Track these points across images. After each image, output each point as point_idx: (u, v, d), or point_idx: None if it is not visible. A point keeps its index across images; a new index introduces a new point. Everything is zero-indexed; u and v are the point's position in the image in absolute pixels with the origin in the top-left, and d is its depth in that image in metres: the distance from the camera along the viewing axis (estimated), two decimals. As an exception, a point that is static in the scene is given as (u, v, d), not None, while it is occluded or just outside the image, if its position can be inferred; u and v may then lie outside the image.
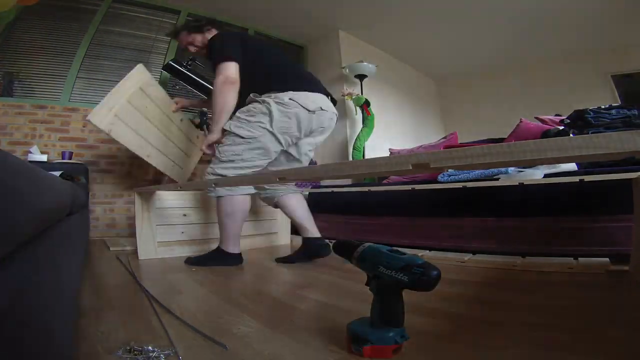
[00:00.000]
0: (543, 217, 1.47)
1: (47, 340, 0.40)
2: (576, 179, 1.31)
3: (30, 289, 0.39)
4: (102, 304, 0.95)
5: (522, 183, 1.38)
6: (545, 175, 1.46)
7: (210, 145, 1.51)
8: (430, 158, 0.39)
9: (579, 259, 1.31)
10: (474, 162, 0.35)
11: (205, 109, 2.80)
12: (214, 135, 1.48)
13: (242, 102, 1.50)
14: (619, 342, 0.63)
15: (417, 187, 1.77)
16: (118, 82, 1.76)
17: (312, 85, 1.50)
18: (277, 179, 0.63)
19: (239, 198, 1.45)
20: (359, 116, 3.50)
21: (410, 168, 0.40)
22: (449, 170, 1.68)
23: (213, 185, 1.20)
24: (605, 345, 0.63)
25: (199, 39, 1.66)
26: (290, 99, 1.40)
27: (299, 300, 0.99)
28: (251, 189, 1.51)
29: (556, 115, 2.07)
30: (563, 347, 0.63)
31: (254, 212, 2.05)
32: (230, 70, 1.42)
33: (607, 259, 1.26)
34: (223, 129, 1.46)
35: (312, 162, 3.64)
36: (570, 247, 1.36)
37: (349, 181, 2.78)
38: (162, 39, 3.11)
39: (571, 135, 1.53)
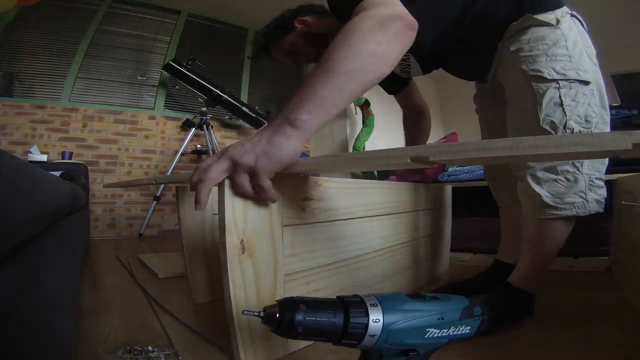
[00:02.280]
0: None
1: (47, 340, 0.40)
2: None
3: (30, 289, 0.39)
4: (102, 304, 0.95)
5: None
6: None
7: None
8: (430, 151, 0.37)
9: (578, 257, 1.31)
10: (474, 156, 0.35)
11: (204, 108, 2.81)
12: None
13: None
14: (618, 342, 0.64)
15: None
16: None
17: None
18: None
19: None
20: (359, 116, 3.50)
21: (409, 161, 0.38)
22: (450, 169, 1.67)
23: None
24: (604, 345, 0.63)
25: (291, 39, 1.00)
26: None
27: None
28: None
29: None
30: (563, 347, 0.63)
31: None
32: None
33: (606, 258, 1.26)
34: None
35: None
36: (569, 246, 1.37)
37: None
38: (162, 39, 3.11)
39: (571, 135, 1.52)
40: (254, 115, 3.11)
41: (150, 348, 0.63)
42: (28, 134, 2.42)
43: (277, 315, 0.35)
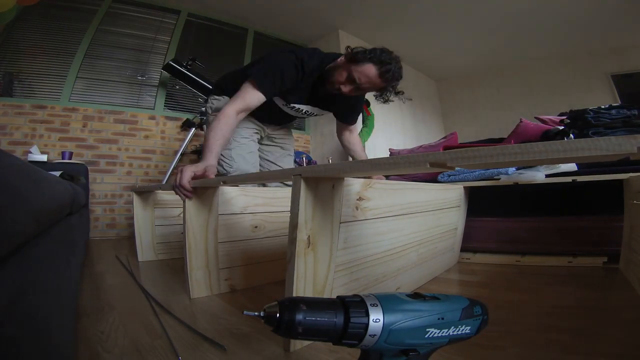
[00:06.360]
0: (543, 217, 1.48)
1: (47, 340, 0.40)
2: (569, 179, 1.31)
3: (30, 289, 0.39)
4: (102, 304, 0.95)
5: (517, 183, 1.40)
6: (546, 176, 1.45)
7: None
8: (447, 157, 0.41)
9: (578, 257, 1.31)
10: (488, 161, 0.38)
11: (204, 108, 2.80)
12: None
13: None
14: (618, 343, 0.63)
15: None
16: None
17: None
18: (293, 176, 0.61)
19: None
20: (359, 116, 3.50)
21: (428, 166, 0.42)
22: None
23: (221, 182, 0.94)
24: (604, 345, 0.63)
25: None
26: None
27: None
28: None
29: (560, 114, 2.06)
30: (563, 347, 0.63)
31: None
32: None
33: (605, 258, 1.26)
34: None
35: (312, 162, 3.65)
36: (568, 246, 1.37)
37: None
38: (162, 39, 3.11)
39: (571, 135, 1.52)
40: (254, 115, 3.11)
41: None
42: (28, 134, 2.42)
43: (278, 315, 0.35)
